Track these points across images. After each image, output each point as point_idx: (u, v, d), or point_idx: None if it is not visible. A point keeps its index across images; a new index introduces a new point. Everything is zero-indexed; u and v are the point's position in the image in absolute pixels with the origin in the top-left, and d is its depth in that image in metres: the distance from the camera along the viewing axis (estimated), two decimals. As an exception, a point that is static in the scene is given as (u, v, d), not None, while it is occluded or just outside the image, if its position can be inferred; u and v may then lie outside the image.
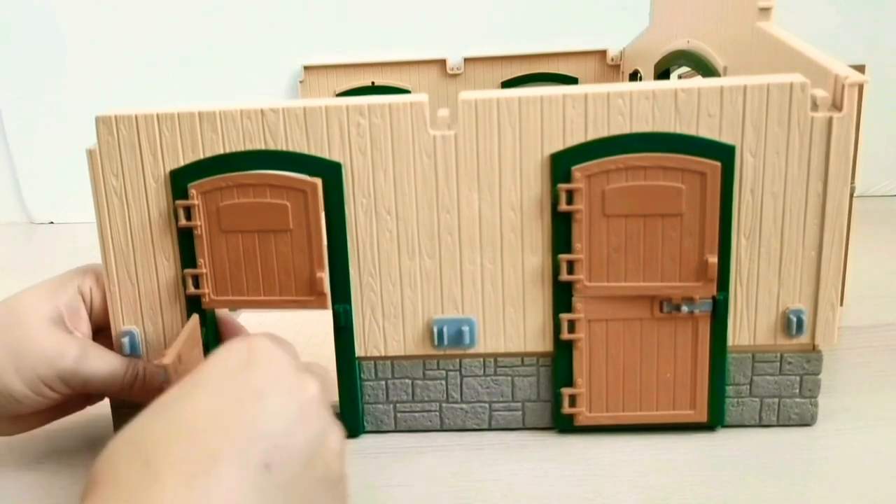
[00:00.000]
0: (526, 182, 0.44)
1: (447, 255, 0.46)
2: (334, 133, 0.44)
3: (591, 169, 0.43)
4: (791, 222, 0.44)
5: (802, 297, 0.45)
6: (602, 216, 0.44)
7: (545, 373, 0.47)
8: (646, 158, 0.43)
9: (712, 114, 0.43)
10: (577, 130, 0.43)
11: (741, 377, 0.47)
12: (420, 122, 0.44)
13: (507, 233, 0.45)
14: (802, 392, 0.47)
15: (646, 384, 0.47)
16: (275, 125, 0.44)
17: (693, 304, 0.45)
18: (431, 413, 0.49)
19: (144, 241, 0.46)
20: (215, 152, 0.44)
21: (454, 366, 0.48)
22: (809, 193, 0.44)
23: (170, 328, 0.47)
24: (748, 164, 0.43)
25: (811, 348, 0.46)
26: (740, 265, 0.45)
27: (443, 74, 0.97)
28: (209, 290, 0.46)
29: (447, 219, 0.45)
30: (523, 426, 0.48)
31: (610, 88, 0.43)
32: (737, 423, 0.47)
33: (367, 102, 0.44)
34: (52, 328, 0.44)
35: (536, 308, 0.46)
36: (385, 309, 0.47)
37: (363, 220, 0.45)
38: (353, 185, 0.45)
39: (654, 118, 0.43)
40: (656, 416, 0.47)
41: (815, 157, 0.43)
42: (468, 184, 0.44)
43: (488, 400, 0.48)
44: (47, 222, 1.14)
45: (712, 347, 0.46)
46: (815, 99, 0.42)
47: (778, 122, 0.43)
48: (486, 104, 0.43)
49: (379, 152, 0.44)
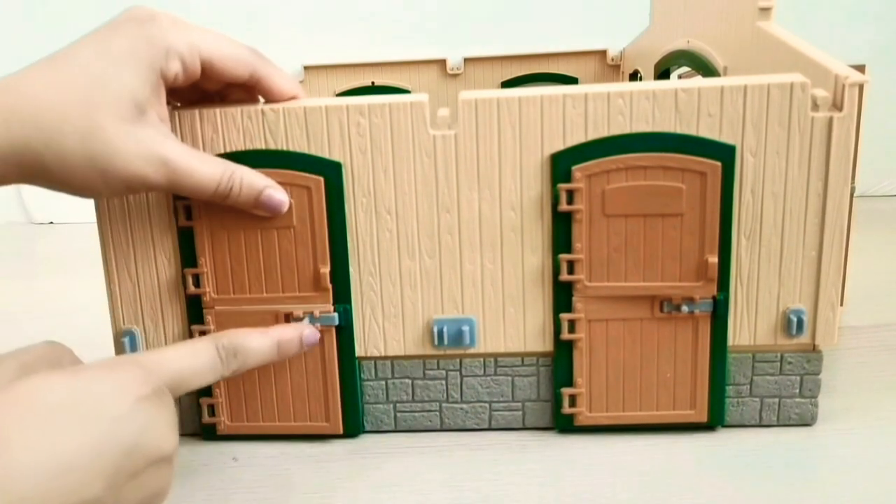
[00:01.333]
0: (526, 182, 0.44)
1: (447, 254, 0.46)
2: (334, 133, 0.44)
3: (592, 169, 0.43)
4: (791, 222, 0.44)
5: (802, 297, 0.45)
6: (602, 216, 0.44)
7: (545, 373, 0.47)
8: (646, 158, 0.43)
9: (712, 114, 0.43)
10: (577, 130, 0.43)
11: (741, 377, 0.47)
12: (420, 121, 0.44)
13: (508, 233, 0.45)
14: (802, 392, 0.47)
15: (646, 384, 0.47)
16: (275, 125, 0.44)
17: (693, 304, 0.45)
18: (431, 413, 0.49)
19: (144, 241, 0.46)
20: (215, 152, 0.44)
21: (454, 366, 0.48)
22: (810, 193, 0.44)
23: (170, 328, 0.47)
24: (748, 164, 0.43)
25: (811, 348, 0.46)
26: (740, 265, 0.45)
27: (443, 74, 0.97)
28: (210, 288, 0.46)
29: (447, 218, 0.45)
30: (523, 426, 0.48)
31: (610, 88, 0.43)
32: (737, 423, 0.47)
33: (367, 102, 0.44)
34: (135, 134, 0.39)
35: (536, 308, 0.46)
36: (385, 309, 0.47)
37: (363, 219, 0.45)
38: (354, 184, 0.45)
39: (655, 118, 0.43)
40: (656, 416, 0.47)
41: (816, 157, 0.43)
42: (468, 183, 0.44)
43: (488, 400, 0.48)
44: (47, 222, 1.14)
45: (712, 347, 0.46)
46: (815, 99, 0.42)
47: (778, 122, 0.43)
48: (486, 104, 0.43)
49: (379, 152, 0.44)
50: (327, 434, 0.48)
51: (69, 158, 0.38)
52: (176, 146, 0.40)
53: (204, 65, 0.41)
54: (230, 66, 0.42)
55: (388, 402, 0.49)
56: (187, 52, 0.40)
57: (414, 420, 0.49)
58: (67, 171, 0.38)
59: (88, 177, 0.38)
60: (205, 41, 0.41)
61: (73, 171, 0.38)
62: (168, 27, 0.40)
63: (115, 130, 0.38)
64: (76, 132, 0.37)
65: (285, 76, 0.44)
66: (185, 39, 0.40)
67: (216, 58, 0.41)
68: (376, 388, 0.48)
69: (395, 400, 0.48)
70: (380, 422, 0.49)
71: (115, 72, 0.38)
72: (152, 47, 0.39)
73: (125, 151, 0.38)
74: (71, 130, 0.37)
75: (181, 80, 0.41)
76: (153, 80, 0.39)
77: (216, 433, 0.48)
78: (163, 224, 0.46)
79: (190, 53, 0.40)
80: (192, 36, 0.40)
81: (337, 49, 0.99)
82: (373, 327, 0.47)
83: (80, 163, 0.38)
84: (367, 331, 0.47)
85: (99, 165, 0.38)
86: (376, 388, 0.48)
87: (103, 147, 0.38)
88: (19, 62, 0.40)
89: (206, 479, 0.45)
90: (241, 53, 0.42)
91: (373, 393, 0.48)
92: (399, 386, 0.48)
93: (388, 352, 0.47)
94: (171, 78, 0.40)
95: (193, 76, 0.41)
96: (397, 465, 0.46)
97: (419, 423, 0.49)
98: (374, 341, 0.47)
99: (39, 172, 0.38)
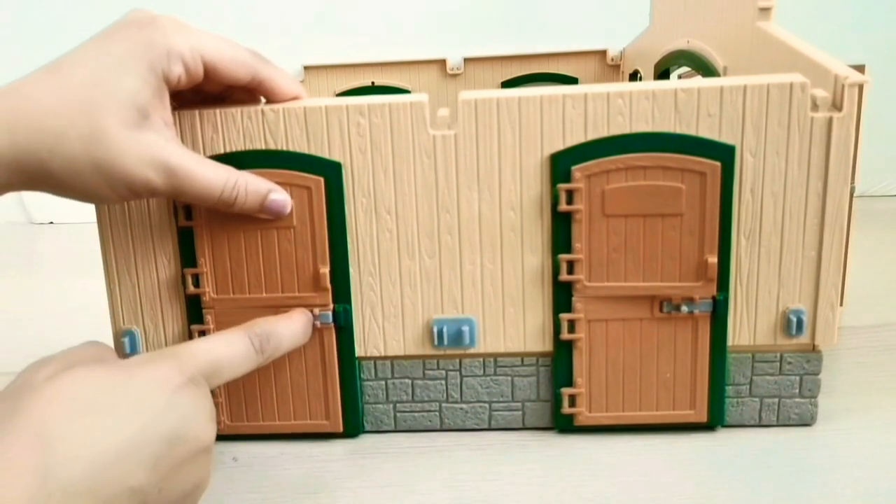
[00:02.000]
0: (526, 182, 0.44)
1: (447, 254, 0.46)
2: (334, 133, 0.44)
3: (591, 169, 0.43)
4: (791, 222, 0.44)
5: (802, 297, 0.45)
6: (602, 216, 0.44)
7: (545, 373, 0.47)
8: (646, 158, 0.43)
9: (712, 114, 0.43)
10: (577, 130, 0.43)
11: (741, 377, 0.47)
12: (420, 121, 0.44)
13: (507, 233, 0.45)
14: (802, 392, 0.47)
15: (646, 384, 0.47)
16: (275, 125, 0.44)
17: (693, 304, 0.45)
18: (431, 413, 0.49)
19: (144, 241, 0.46)
20: (215, 152, 0.44)
21: (454, 366, 0.48)
22: (809, 193, 0.44)
23: (170, 328, 0.47)
24: (748, 164, 0.43)
25: (811, 348, 0.46)
26: (740, 265, 0.45)
27: (443, 74, 0.97)
28: (209, 288, 0.46)
29: (447, 219, 0.45)
30: (523, 426, 0.48)
31: (610, 88, 0.43)
32: (737, 423, 0.47)
33: (367, 102, 0.44)
34: (137, 139, 0.39)
35: (536, 308, 0.46)
36: (385, 309, 0.47)
37: (363, 219, 0.45)
38: (353, 184, 0.45)
39: (654, 118, 0.43)
40: (656, 416, 0.47)
41: (815, 157, 0.43)
42: (468, 184, 0.44)
43: (488, 400, 0.48)
44: (47, 222, 1.14)
45: (712, 347, 0.46)
46: (815, 99, 0.42)
47: (778, 122, 0.43)
48: (486, 104, 0.43)
49: (379, 152, 0.44)
50: (328, 432, 0.48)
51: (73, 164, 0.37)
52: (179, 151, 0.40)
53: (206, 67, 0.41)
54: (232, 68, 0.42)
55: (388, 402, 0.49)
56: (189, 54, 0.40)
57: (414, 420, 0.49)
58: (72, 177, 0.38)
59: (93, 182, 0.38)
60: (206, 44, 0.41)
61: (78, 176, 0.38)
62: (169, 30, 0.40)
63: (117, 134, 0.38)
64: (80, 137, 0.37)
65: (287, 77, 0.44)
66: (187, 42, 0.40)
67: (217, 60, 0.41)
68: (376, 388, 0.48)
69: (395, 400, 0.48)
70: (380, 422, 0.49)
71: (116, 76, 0.38)
72: (154, 50, 0.39)
73: (128, 155, 0.38)
74: (75, 136, 0.37)
75: (184, 82, 0.41)
76: (155, 83, 0.39)
77: (216, 433, 0.48)
78: (163, 224, 0.46)
79: (192, 56, 0.40)
80: (193, 38, 0.40)
81: (337, 49, 0.99)
82: (373, 327, 0.47)
83: (85, 168, 0.38)
84: (367, 331, 0.47)
85: (103, 170, 0.38)
86: (376, 388, 0.48)
87: (106, 152, 0.38)
88: (20, 70, 0.40)
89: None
90: (243, 56, 0.42)
91: (373, 393, 0.48)
92: (399, 386, 0.48)
93: (388, 352, 0.47)
94: (173, 81, 0.40)
95: (196, 79, 0.41)
96: (397, 465, 0.46)
97: (419, 423, 0.49)
98: (373, 341, 0.47)
99: (45, 178, 0.38)
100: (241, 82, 0.43)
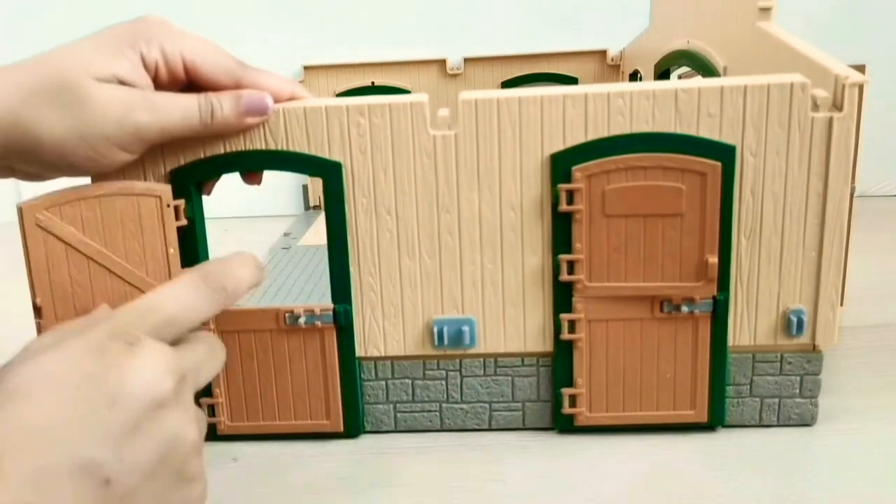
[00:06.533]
0: (526, 182, 0.44)
1: (447, 255, 0.46)
2: (334, 133, 0.44)
3: (591, 169, 0.43)
4: (791, 222, 0.44)
5: (802, 297, 0.45)
6: (602, 216, 0.44)
7: (545, 373, 0.47)
8: (646, 158, 0.43)
9: (712, 114, 0.43)
10: (577, 130, 0.43)
11: (741, 377, 0.47)
12: (420, 122, 0.44)
13: (508, 233, 0.45)
14: (802, 392, 0.47)
15: (646, 384, 0.47)
16: (275, 125, 0.44)
17: (693, 305, 0.45)
18: (431, 413, 0.49)
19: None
20: (216, 152, 0.44)
21: (454, 366, 0.48)
22: (810, 193, 0.44)
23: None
24: (748, 164, 0.43)
25: (811, 348, 0.46)
26: (740, 265, 0.45)
27: (443, 74, 0.97)
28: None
29: (447, 219, 0.45)
30: (523, 426, 0.48)
31: (610, 88, 0.43)
32: (737, 423, 0.47)
33: (367, 102, 0.44)
34: (109, 85, 0.40)
35: (536, 308, 0.46)
36: (385, 309, 0.47)
37: (363, 219, 0.45)
38: (354, 184, 0.45)
39: (654, 118, 0.43)
40: (656, 417, 0.47)
41: (816, 157, 0.43)
42: (468, 184, 0.44)
43: (488, 400, 0.48)
44: (47, 222, 1.14)
45: (712, 347, 0.46)
46: (815, 99, 0.42)
47: (778, 122, 0.43)
48: (486, 104, 0.43)
49: (379, 152, 0.44)
50: (328, 432, 0.48)
51: (52, 122, 0.39)
52: (155, 91, 0.42)
53: (188, 67, 0.42)
54: (212, 72, 0.43)
55: (389, 403, 0.49)
56: (169, 48, 0.42)
57: (414, 420, 0.49)
58: (52, 135, 0.39)
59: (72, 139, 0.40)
60: (189, 44, 0.42)
61: (57, 135, 0.39)
62: (155, 24, 0.42)
63: (88, 84, 0.39)
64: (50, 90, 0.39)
65: (277, 80, 0.44)
66: (169, 37, 0.42)
67: (199, 62, 0.42)
68: (376, 389, 0.48)
69: (395, 400, 0.48)
70: (380, 422, 0.49)
71: (93, 46, 0.41)
72: (135, 32, 0.41)
73: (101, 97, 0.40)
74: (45, 88, 0.39)
75: (163, 74, 0.42)
76: (133, 58, 0.41)
77: (216, 433, 0.48)
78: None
79: (171, 50, 0.42)
80: (177, 37, 0.42)
81: (337, 49, 0.99)
82: (373, 327, 0.47)
83: (62, 124, 0.39)
84: (368, 331, 0.47)
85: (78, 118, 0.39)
86: (376, 389, 0.48)
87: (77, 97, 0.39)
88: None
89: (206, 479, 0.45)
90: (226, 63, 0.43)
91: (373, 393, 0.48)
92: (399, 386, 0.48)
93: (389, 352, 0.47)
94: (151, 64, 0.41)
95: (176, 74, 0.42)
96: (397, 465, 0.46)
97: (419, 423, 0.49)
98: (374, 341, 0.47)
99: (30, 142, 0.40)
100: (224, 88, 0.43)
